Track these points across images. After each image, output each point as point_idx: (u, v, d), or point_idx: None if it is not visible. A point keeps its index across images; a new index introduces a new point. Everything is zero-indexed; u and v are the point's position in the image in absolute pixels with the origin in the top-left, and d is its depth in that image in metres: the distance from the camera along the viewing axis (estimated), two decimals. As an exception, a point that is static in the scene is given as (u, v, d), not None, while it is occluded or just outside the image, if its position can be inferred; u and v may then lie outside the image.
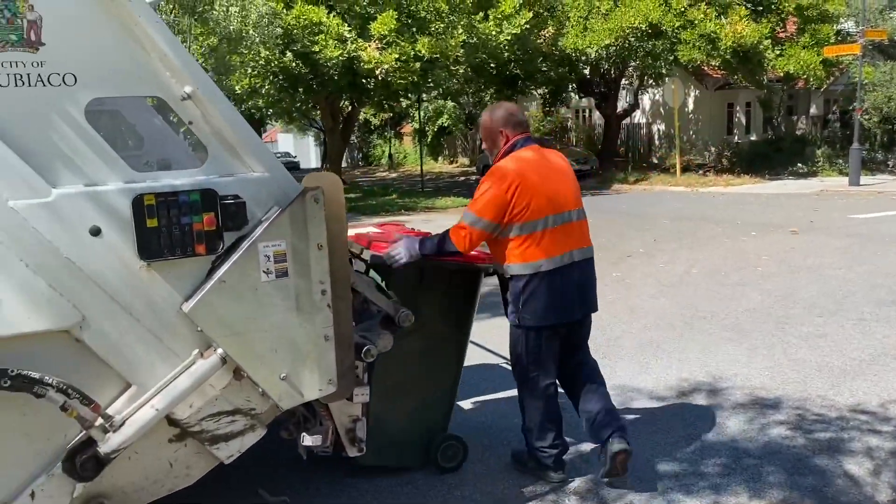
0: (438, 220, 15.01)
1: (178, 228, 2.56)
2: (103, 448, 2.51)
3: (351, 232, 3.54)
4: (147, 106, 4.03)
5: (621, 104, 26.38)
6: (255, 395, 2.78)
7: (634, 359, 5.52)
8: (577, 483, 3.63)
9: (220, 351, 2.65)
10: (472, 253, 3.52)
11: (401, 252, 3.38)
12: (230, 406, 2.75)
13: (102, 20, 2.44)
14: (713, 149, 25.87)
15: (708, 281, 8.11)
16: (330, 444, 3.14)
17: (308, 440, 3.10)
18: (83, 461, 2.51)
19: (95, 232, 2.45)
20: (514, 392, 3.77)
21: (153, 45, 2.50)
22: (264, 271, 2.67)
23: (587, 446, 3.98)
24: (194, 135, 2.72)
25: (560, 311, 3.48)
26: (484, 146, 3.67)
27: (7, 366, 2.32)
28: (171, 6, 14.40)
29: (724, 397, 4.68)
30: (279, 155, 43.00)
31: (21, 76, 2.34)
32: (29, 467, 2.50)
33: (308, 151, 48.34)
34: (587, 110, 30.64)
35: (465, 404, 4.61)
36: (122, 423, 2.54)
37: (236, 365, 2.69)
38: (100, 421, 2.49)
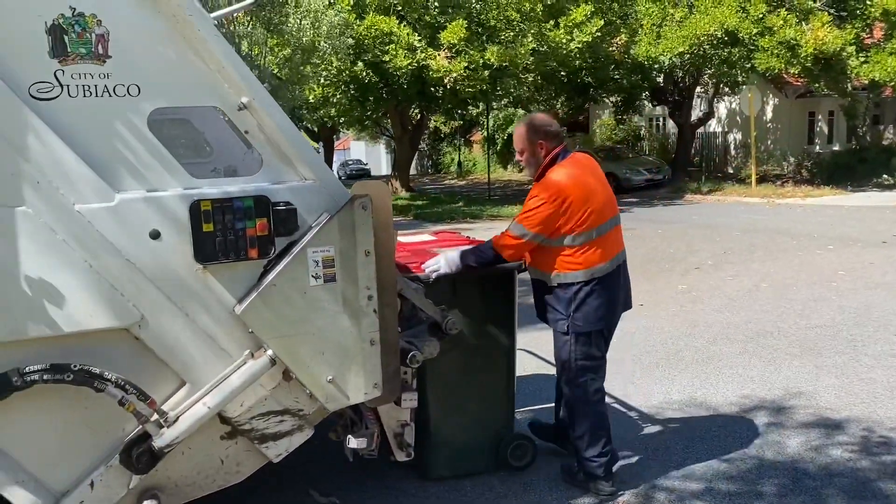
0: (502, 228, 14.92)
1: (232, 233, 2.66)
2: (158, 442, 2.62)
3: (402, 239, 3.59)
4: (217, 115, 4.18)
5: (696, 113, 25.75)
6: (303, 397, 2.86)
7: (695, 373, 5.39)
8: (626, 496, 3.58)
9: (270, 352, 2.74)
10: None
11: (439, 264, 3.42)
12: (279, 406, 2.84)
13: (165, 34, 2.56)
14: (792, 159, 24.95)
15: (778, 296, 7.83)
16: (375, 447, 3.19)
17: (353, 443, 3.16)
18: (139, 454, 2.63)
19: (155, 235, 2.57)
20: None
21: (212, 58, 2.62)
22: (313, 276, 2.74)
23: (635, 458, 3.94)
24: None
25: (611, 313, 3.55)
26: (518, 157, 3.67)
27: (71, 361, 2.46)
28: (248, 18, 14.87)
29: (786, 415, 4.52)
30: (351, 162, 43.85)
31: (89, 87, 2.48)
32: (89, 458, 2.63)
33: (379, 159, 49.04)
34: (661, 118, 30.04)
35: (519, 414, 4.58)
36: (176, 419, 2.65)
37: (285, 366, 2.77)
38: (155, 416, 2.62)
